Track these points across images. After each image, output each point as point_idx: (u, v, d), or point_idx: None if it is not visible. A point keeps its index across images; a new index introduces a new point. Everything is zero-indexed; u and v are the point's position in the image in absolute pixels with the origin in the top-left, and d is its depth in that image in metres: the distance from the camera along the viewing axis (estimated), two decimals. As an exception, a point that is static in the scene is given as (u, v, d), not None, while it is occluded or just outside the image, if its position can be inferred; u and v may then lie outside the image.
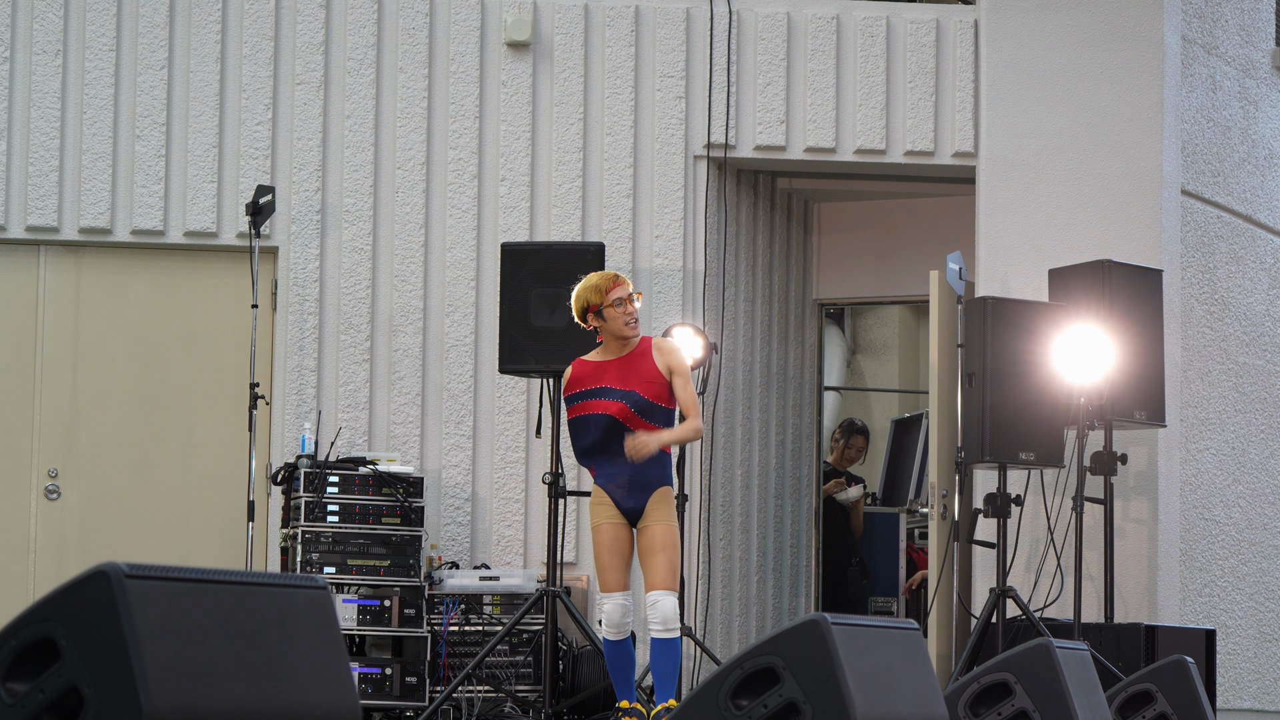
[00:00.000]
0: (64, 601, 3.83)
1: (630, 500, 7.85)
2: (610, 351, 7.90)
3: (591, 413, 7.81)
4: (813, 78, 10.90)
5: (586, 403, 7.83)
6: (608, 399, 7.80)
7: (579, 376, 7.89)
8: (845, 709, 5.00)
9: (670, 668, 7.86)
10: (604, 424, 7.79)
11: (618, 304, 7.82)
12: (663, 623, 7.80)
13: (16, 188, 10.47)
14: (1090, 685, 6.99)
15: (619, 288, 7.85)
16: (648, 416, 7.79)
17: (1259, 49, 11.70)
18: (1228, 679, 10.90)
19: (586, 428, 7.82)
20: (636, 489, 7.83)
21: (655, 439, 7.74)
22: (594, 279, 7.88)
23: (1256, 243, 11.51)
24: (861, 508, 13.09)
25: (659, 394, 7.83)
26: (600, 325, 7.87)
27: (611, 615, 7.89)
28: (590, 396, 7.83)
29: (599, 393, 7.83)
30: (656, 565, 7.88)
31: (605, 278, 7.87)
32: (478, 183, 10.71)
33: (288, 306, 10.54)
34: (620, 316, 7.84)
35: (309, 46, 10.65)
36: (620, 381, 7.83)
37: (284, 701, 4.13)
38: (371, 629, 9.71)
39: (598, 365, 7.89)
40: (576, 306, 7.87)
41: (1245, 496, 11.25)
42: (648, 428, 7.78)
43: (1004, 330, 9.76)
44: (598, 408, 7.81)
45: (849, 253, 12.04)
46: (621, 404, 7.77)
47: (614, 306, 7.82)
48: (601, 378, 7.86)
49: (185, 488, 10.50)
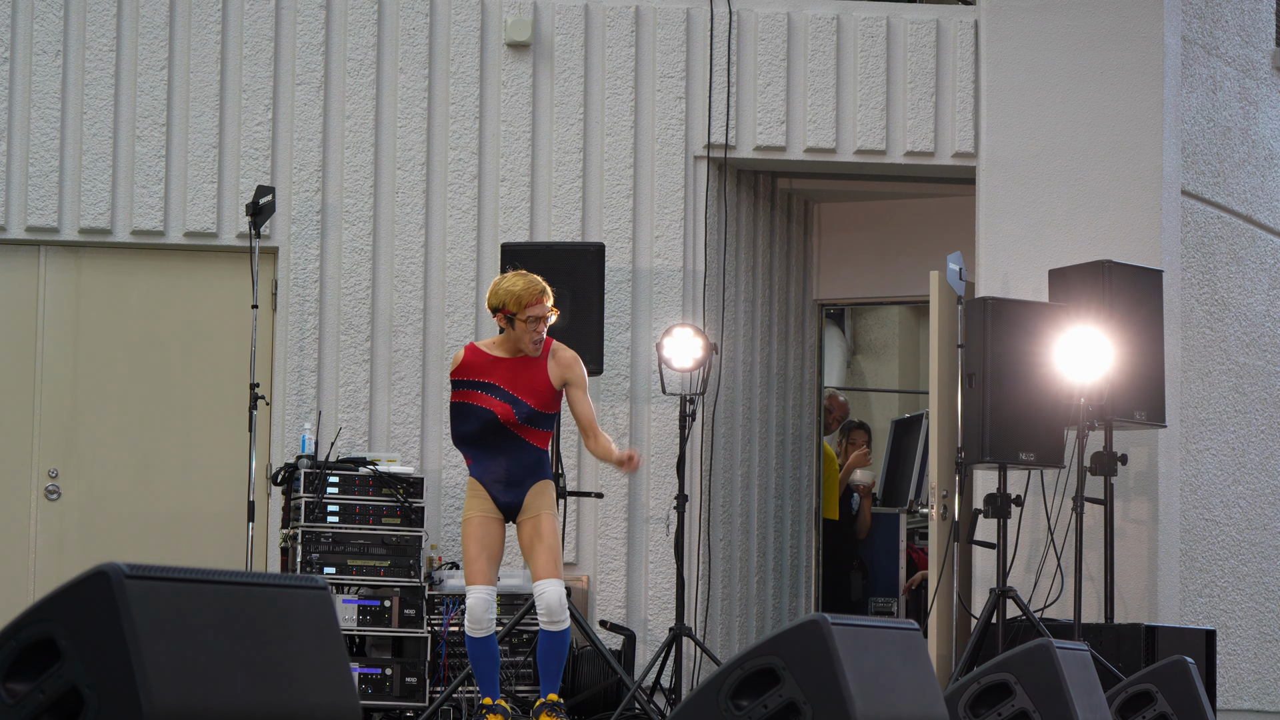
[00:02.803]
0: (64, 601, 3.83)
1: (508, 495, 7.83)
2: (506, 349, 7.87)
3: (476, 404, 7.80)
4: (813, 78, 10.90)
5: (473, 393, 7.81)
6: (494, 397, 7.79)
7: (470, 364, 7.84)
8: (845, 709, 5.01)
9: (556, 660, 7.81)
10: (486, 420, 7.79)
11: (530, 321, 7.76)
12: (548, 614, 7.73)
13: (17, 188, 10.47)
14: (1090, 686, 6.99)
15: (538, 306, 7.77)
16: (533, 424, 7.80)
17: (1259, 49, 11.70)
18: (1228, 679, 10.90)
19: (467, 417, 7.82)
20: (514, 484, 7.82)
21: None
22: (518, 286, 7.77)
23: (1256, 243, 11.51)
24: (869, 505, 13.10)
25: (546, 403, 7.82)
26: (505, 328, 7.82)
27: (474, 610, 7.77)
28: (477, 388, 7.81)
29: (487, 388, 7.81)
30: (540, 555, 7.82)
31: (530, 292, 7.77)
32: (478, 183, 10.71)
33: (288, 307, 10.55)
34: (527, 334, 7.79)
35: (309, 47, 10.65)
36: (510, 384, 7.81)
37: (284, 702, 4.13)
38: (372, 629, 9.71)
39: (492, 360, 7.86)
40: (490, 301, 7.80)
41: (1245, 497, 11.25)
42: (529, 433, 7.78)
43: (1004, 330, 9.76)
44: (483, 401, 7.79)
45: (849, 253, 12.04)
46: (508, 408, 7.76)
47: (525, 322, 7.77)
48: (492, 372, 7.83)
49: (185, 488, 10.49)
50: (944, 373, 10.16)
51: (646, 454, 10.68)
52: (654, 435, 10.69)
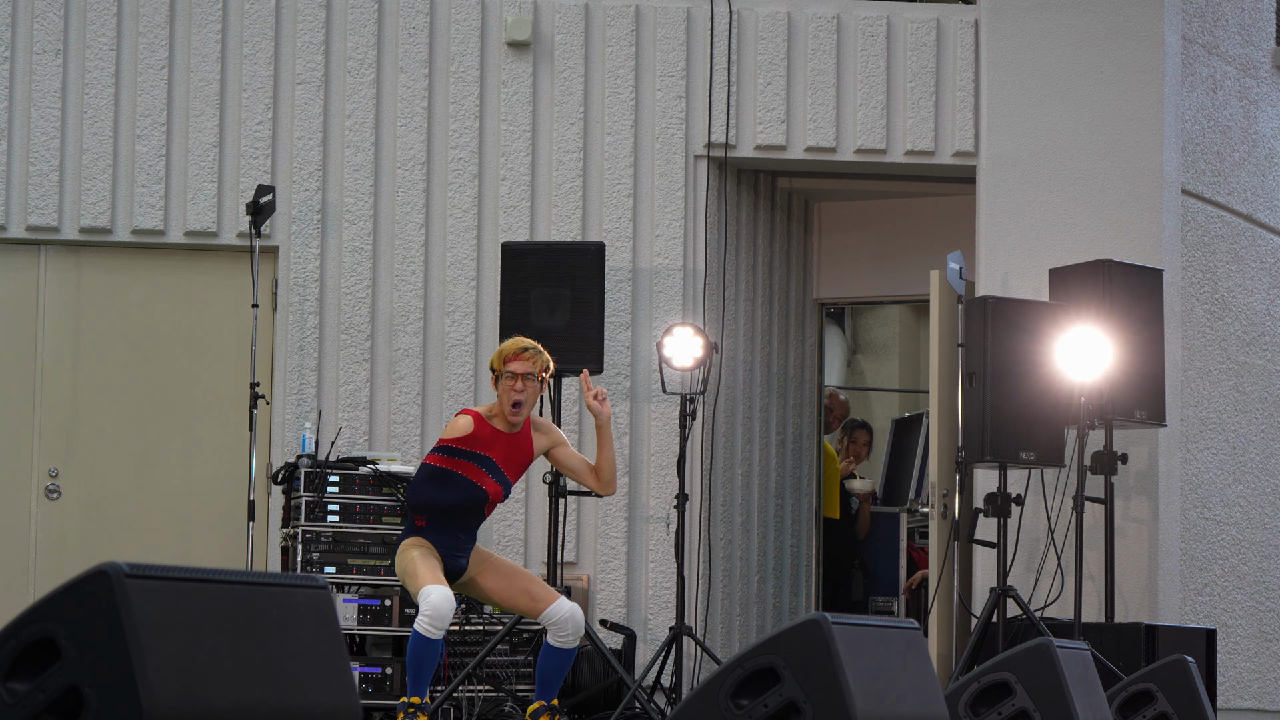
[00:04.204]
0: (64, 601, 3.83)
1: (459, 563, 7.58)
2: (501, 422, 7.57)
3: (467, 477, 7.47)
4: (813, 77, 10.90)
5: (467, 464, 7.47)
6: (491, 476, 7.51)
7: (477, 436, 7.49)
8: (845, 709, 5.01)
9: (561, 673, 7.62)
10: (474, 497, 7.49)
11: (510, 376, 7.50)
12: (575, 632, 7.52)
13: (17, 187, 10.47)
14: (1090, 685, 6.99)
15: (518, 361, 7.52)
16: (500, 502, 7.60)
17: (1259, 48, 11.70)
18: (1228, 679, 10.90)
19: (452, 487, 7.47)
20: (464, 552, 7.59)
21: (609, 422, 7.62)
22: (506, 343, 7.62)
23: (1257, 242, 11.51)
24: (868, 509, 13.10)
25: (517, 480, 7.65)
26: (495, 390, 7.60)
27: (440, 607, 7.30)
28: (474, 460, 7.48)
29: (484, 462, 7.50)
30: (532, 583, 7.63)
31: (512, 346, 7.58)
32: (478, 182, 10.71)
33: (288, 306, 10.55)
34: (507, 391, 7.50)
35: (309, 46, 10.65)
36: (504, 463, 7.53)
37: (284, 701, 4.13)
38: (372, 629, 9.72)
39: (494, 433, 7.54)
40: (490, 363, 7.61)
41: (1246, 496, 11.25)
42: (491, 511, 7.60)
43: (1004, 330, 9.76)
44: (476, 477, 7.49)
45: (849, 252, 12.04)
46: (499, 488, 7.51)
47: (506, 378, 7.51)
48: (492, 447, 7.52)
49: (185, 487, 10.50)
50: (944, 372, 10.17)
51: (646, 453, 10.69)
52: (654, 435, 10.69)
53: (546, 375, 7.59)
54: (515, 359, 7.51)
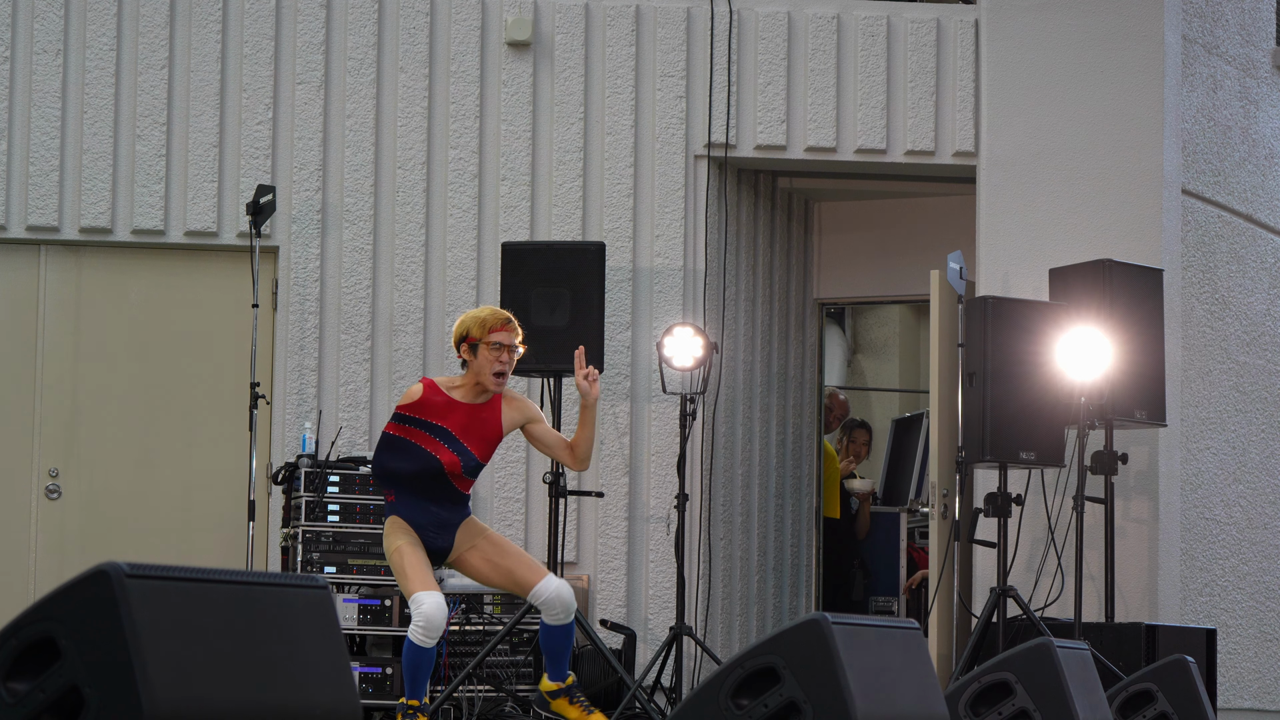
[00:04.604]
0: (64, 601, 3.83)
1: (440, 540, 7.46)
2: (464, 392, 7.44)
3: (421, 446, 7.34)
4: (813, 77, 10.90)
5: (420, 433, 7.34)
6: (444, 444, 7.36)
7: (426, 402, 7.36)
8: (846, 708, 5.01)
9: (567, 646, 7.57)
10: (429, 467, 7.34)
11: (495, 347, 7.38)
12: (565, 611, 7.46)
13: (17, 187, 10.47)
14: (1091, 685, 6.99)
15: (504, 333, 7.41)
16: (471, 475, 7.44)
17: (1260, 48, 11.70)
18: (1228, 678, 10.90)
19: (405, 455, 7.35)
20: (445, 528, 7.46)
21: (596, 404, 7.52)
22: (484, 312, 7.46)
23: (1257, 242, 11.51)
24: (868, 508, 13.10)
25: (489, 455, 7.46)
26: (469, 361, 7.43)
27: (433, 616, 7.28)
28: (427, 429, 7.35)
29: (438, 431, 7.36)
30: (521, 560, 7.52)
31: (496, 317, 7.43)
32: (478, 182, 10.71)
33: (288, 306, 10.55)
34: (491, 361, 7.38)
35: (309, 46, 10.65)
36: (462, 433, 7.37)
37: (284, 701, 4.13)
38: (372, 628, 9.71)
39: (448, 402, 7.40)
40: (456, 332, 7.46)
41: (1246, 496, 11.25)
42: (464, 484, 7.43)
43: (1004, 330, 9.76)
44: (430, 446, 7.34)
45: (849, 252, 12.04)
46: (456, 459, 7.35)
47: (490, 348, 7.39)
48: (446, 416, 7.38)
49: (186, 487, 10.50)
50: (944, 372, 10.17)
51: (647, 453, 10.69)
52: (654, 434, 10.69)
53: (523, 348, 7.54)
54: (502, 329, 7.40)
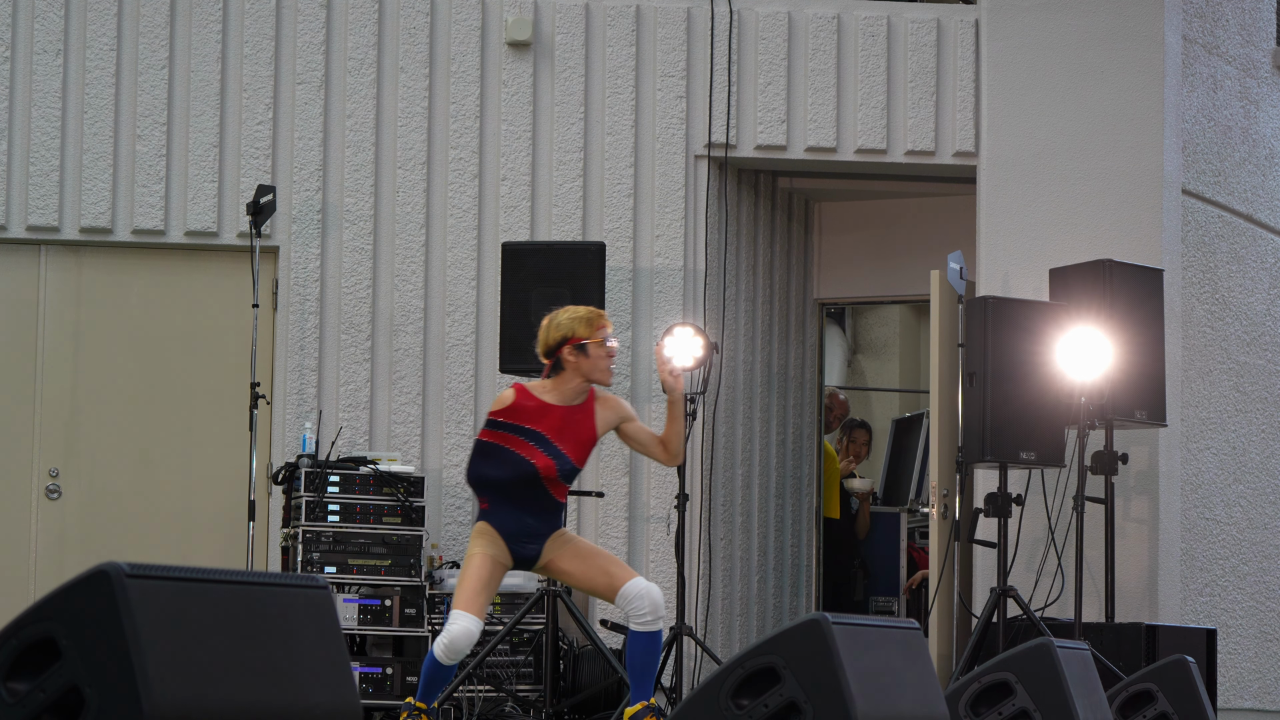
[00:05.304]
0: (64, 601, 3.83)
1: (528, 549, 7.27)
2: (559, 395, 7.24)
3: (517, 452, 7.17)
4: (813, 77, 10.90)
5: (514, 439, 7.17)
6: (540, 449, 7.18)
7: (521, 407, 7.17)
8: (846, 708, 5.01)
9: (654, 662, 7.31)
10: (525, 473, 7.15)
11: (605, 345, 7.23)
12: (653, 611, 7.19)
13: (17, 187, 10.47)
14: (1091, 685, 6.99)
15: (609, 328, 7.29)
16: (567, 480, 7.27)
17: (1260, 48, 11.70)
18: (1228, 678, 10.90)
19: (500, 462, 7.17)
20: (536, 538, 7.27)
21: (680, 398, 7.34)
22: (583, 312, 7.28)
23: (1257, 242, 11.51)
24: (868, 508, 13.10)
25: (584, 458, 7.30)
26: (572, 363, 7.20)
27: (458, 640, 7.09)
28: (522, 435, 7.17)
29: (534, 436, 7.18)
30: (610, 563, 7.31)
31: (597, 314, 7.27)
32: (478, 182, 10.71)
33: (288, 306, 10.55)
34: (605, 360, 7.21)
35: (310, 46, 10.65)
36: (557, 437, 7.19)
37: (284, 701, 4.13)
38: (372, 628, 9.71)
39: (542, 405, 7.21)
40: (553, 335, 7.22)
41: (1246, 496, 11.26)
42: (559, 489, 7.26)
43: (1005, 330, 9.76)
44: (526, 451, 7.17)
45: (849, 252, 12.04)
46: (552, 463, 7.17)
47: (600, 345, 7.22)
48: (541, 420, 7.20)
49: (186, 487, 10.50)
50: (944, 372, 10.17)
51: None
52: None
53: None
54: (608, 324, 7.29)
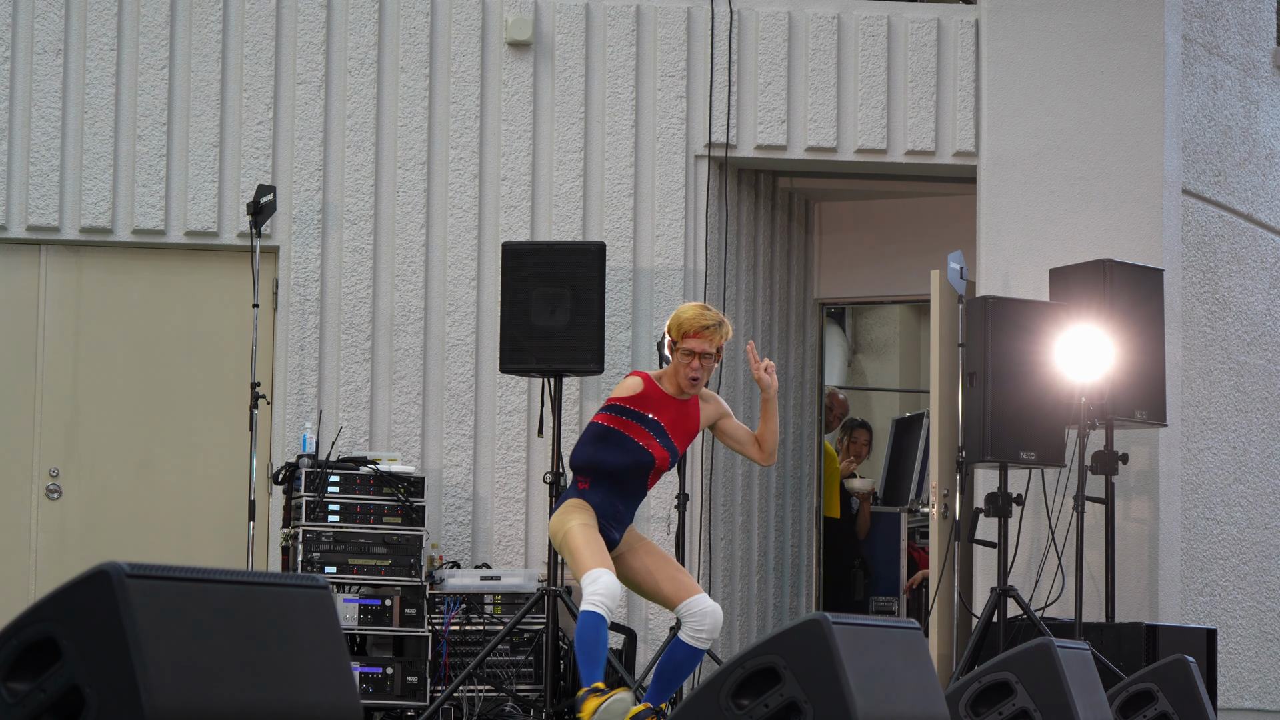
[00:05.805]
0: (65, 601, 3.83)
1: (614, 535, 7.25)
2: (673, 387, 7.23)
3: (636, 439, 7.15)
4: (814, 77, 10.90)
5: (636, 426, 7.15)
6: (658, 439, 7.17)
7: (647, 396, 7.17)
8: (846, 708, 5.01)
9: (687, 675, 7.34)
10: (641, 461, 7.14)
11: (686, 354, 7.14)
12: (711, 631, 7.14)
13: (17, 187, 10.47)
14: (1091, 685, 6.99)
15: (696, 339, 7.14)
16: (666, 471, 7.29)
17: (1260, 48, 11.70)
18: (1229, 678, 10.90)
19: (618, 448, 7.14)
20: (621, 526, 7.28)
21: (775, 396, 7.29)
22: (688, 313, 7.19)
23: (1257, 242, 11.51)
24: (868, 508, 13.10)
25: (684, 451, 7.36)
26: (673, 359, 7.22)
27: (613, 587, 6.96)
28: (643, 423, 7.15)
29: (653, 426, 7.16)
30: (679, 574, 7.29)
31: (692, 323, 7.15)
32: (478, 182, 10.71)
33: (289, 306, 10.55)
34: (683, 366, 7.16)
35: (310, 46, 10.65)
36: (672, 428, 7.18)
37: (285, 701, 4.13)
38: (372, 628, 9.71)
39: (663, 396, 7.21)
40: (669, 326, 7.24)
41: (1246, 496, 11.25)
42: (654, 482, 7.27)
43: (1005, 330, 9.76)
44: (645, 439, 7.15)
45: (850, 252, 12.04)
46: (667, 455, 7.17)
47: (682, 353, 7.16)
48: (661, 410, 7.19)
49: (186, 487, 10.50)
50: (945, 372, 10.17)
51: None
52: (655, 434, 10.68)
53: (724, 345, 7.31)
54: (695, 336, 7.15)
